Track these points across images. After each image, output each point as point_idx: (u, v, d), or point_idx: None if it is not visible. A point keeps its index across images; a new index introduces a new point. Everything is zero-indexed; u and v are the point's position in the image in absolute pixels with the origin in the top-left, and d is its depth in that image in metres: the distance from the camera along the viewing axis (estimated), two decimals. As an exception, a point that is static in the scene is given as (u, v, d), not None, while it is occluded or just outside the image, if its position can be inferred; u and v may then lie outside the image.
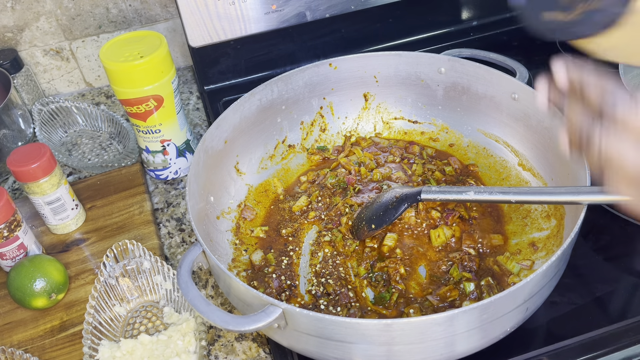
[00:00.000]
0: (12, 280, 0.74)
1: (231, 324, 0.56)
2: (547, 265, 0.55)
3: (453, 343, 0.57)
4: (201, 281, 0.80)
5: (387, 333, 0.54)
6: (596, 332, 0.66)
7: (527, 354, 0.65)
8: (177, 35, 1.16)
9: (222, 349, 0.71)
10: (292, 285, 0.73)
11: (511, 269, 0.71)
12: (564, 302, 0.69)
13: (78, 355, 0.71)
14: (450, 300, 0.69)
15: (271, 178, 0.88)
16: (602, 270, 0.73)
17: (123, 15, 1.10)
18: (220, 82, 1.08)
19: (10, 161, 0.78)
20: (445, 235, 0.75)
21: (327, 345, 0.58)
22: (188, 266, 0.62)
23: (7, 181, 1.00)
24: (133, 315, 0.75)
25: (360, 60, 0.88)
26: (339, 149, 0.91)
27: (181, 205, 0.91)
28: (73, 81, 1.17)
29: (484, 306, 0.53)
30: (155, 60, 0.80)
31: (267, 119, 0.87)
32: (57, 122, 1.05)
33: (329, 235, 0.78)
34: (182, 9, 0.94)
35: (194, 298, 0.58)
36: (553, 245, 0.71)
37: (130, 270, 0.75)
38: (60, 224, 0.85)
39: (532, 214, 0.77)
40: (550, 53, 0.60)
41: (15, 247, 0.78)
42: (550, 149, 0.76)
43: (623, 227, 0.77)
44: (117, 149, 1.02)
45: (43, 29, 1.08)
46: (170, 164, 0.92)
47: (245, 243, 0.79)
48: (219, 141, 0.80)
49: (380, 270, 0.73)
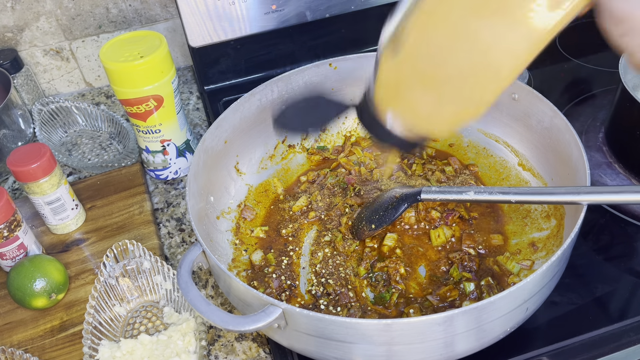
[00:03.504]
0: (12, 280, 0.74)
1: (231, 324, 0.56)
2: (547, 265, 0.55)
3: (453, 343, 0.57)
4: (201, 281, 0.80)
5: (387, 333, 0.54)
6: (596, 332, 0.66)
7: (527, 354, 0.65)
8: (177, 35, 1.16)
9: (222, 349, 0.71)
10: (292, 285, 0.73)
11: (511, 269, 0.71)
12: (564, 302, 0.69)
13: (78, 355, 0.71)
14: (450, 300, 0.69)
15: (271, 178, 0.88)
16: (602, 270, 0.73)
17: (123, 15, 1.10)
18: (220, 82, 1.08)
19: (10, 161, 0.78)
20: (445, 235, 0.75)
21: (327, 345, 0.58)
22: (188, 266, 0.62)
23: (7, 181, 1.00)
24: (133, 315, 0.75)
25: (360, 60, 0.88)
26: (339, 149, 0.91)
27: (181, 205, 0.91)
28: (73, 81, 1.17)
29: (484, 306, 0.53)
30: (155, 60, 0.80)
31: (267, 118, 0.87)
32: (57, 122, 1.05)
33: (329, 235, 0.78)
34: (182, 9, 0.94)
35: (194, 298, 0.58)
36: (553, 245, 0.71)
37: (130, 270, 0.75)
38: (60, 224, 0.85)
39: (532, 214, 0.77)
40: (550, 53, 0.60)
41: (15, 247, 0.78)
42: (550, 149, 0.76)
43: (623, 227, 0.77)
44: (117, 149, 1.02)
45: (43, 29, 1.08)
46: (170, 164, 0.92)
47: (245, 243, 0.79)
48: (219, 141, 0.80)
49: (380, 270, 0.73)
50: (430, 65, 0.49)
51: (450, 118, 0.54)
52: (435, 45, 0.48)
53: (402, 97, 0.53)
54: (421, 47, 0.49)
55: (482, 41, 0.46)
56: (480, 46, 0.47)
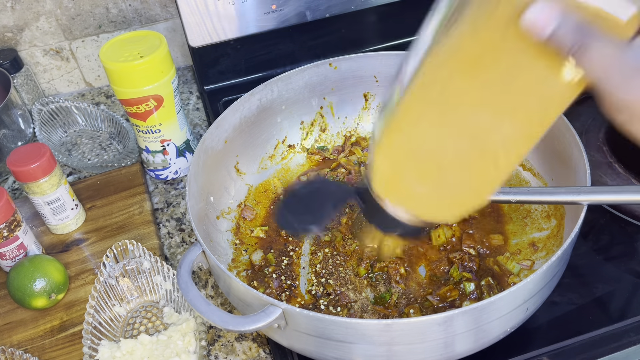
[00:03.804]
0: (12, 280, 0.74)
1: (231, 324, 0.56)
2: (547, 266, 0.55)
3: (453, 343, 0.57)
4: (201, 281, 0.80)
5: (387, 333, 0.54)
6: (596, 332, 0.66)
7: (527, 354, 0.65)
8: (177, 35, 1.16)
9: (222, 349, 0.71)
10: (292, 285, 0.73)
11: (511, 269, 0.71)
12: (564, 302, 0.69)
13: (78, 355, 0.71)
14: (450, 300, 0.69)
15: (271, 178, 0.88)
16: (602, 270, 0.73)
17: (123, 15, 1.10)
18: (220, 82, 1.08)
19: (10, 161, 0.78)
20: (445, 235, 0.75)
21: (327, 345, 0.58)
22: (188, 266, 0.62)
23: (7, 181, 1.00)
24: (133, 316, 0.75)
25: (360, 60, 0.88)
26: (339, 149, 0.91)
27: (181, 205, 0.91)
28: (73, 81, 1.17)
29: (484, 306, 0.53)
30: (155, 60, 0.80)
31: (267, 119, 0.87)
32: (57, 122, 1.05)
33: (329, 235, 0.78)
34: (182, 9, 0.94)
35: (194, 298, 0.58)
36: (553, 245, 0.71)
37: (130, 270, 0.75)
38: (60, 224, 0.85)
39: (532, 214, 0.77)
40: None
41: (15, 247, 0.78)
42: (550, 149, 0.76)
43: (623, 227, 0.77)
44: (117, 149, 1.02)
45: (43, 28, 1.08)
46: (170, 164, 0.92)
47: (245, 243, 0.79)
48: (218, 141, 0.80)
49: (380, 270, 0.73)
50: (424, 155, 0.48)
51: (453, 207, 0.52)
52: (428, 134, 0.47)
53: (400, 185, 0.52)
54: (413, 136, 0.48)
55: (477, 132, 0.46)
56: (475, 137, 0.46)
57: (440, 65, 0.44)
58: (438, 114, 0.46)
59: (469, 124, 0.46)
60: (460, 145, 0.47)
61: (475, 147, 0.47)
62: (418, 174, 0.50)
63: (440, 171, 0.49)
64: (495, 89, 0.43)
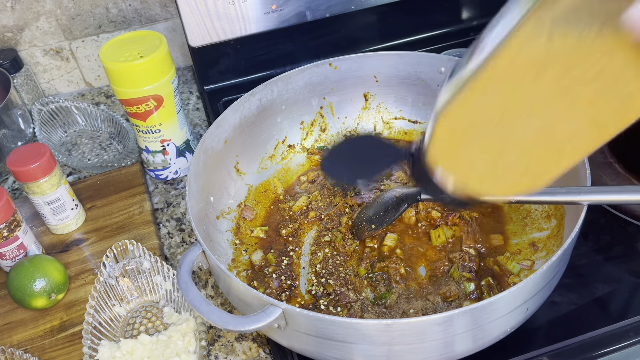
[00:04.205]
0: (12, 280, 0.74)
1: (231, 324, 0.56)
2: (547, 266, 0.55)
3: (453, 343, 0.57)
4: (201, 281, 0.80)
5: (387, 333, 0.54)
6: (596, 332, 0.66)
7: (527, 354, 0.65)
8: (177, 35, 1.16)
9: (222, 349, 0.71)
10: (292, 285, 0.73)
11: (511, 269, 0.71)
12: (564, 302, 0.69)
13: (78, 355, 0.71)
14: (450, 300, 0.69)
15: (271, 178, 0.88)
16: (602, 270, 0.73)
17: (123, 15, 1.10)
18: (220, 82, 1.08)
19: (10, 161, 0.78)
20: (445, 235, 0.75)
21: (327, 345, 0.58)
22: (188, 266, 0.62)
23: (7, 181, 1.00)
24: (133, 316, 0.75)
25: (360, 60, 0.88)
26: (339, 149, 0.91)
27: (181, 205, 0.91)
28: (73, 81, 1.17)
29: (484, 306, 0.53)
30: (155, 60, 0.80)
31: (267, 118, 0.87)
32: (57, 122, 1.05)
33: (329, 235, 0.78)
34: (182, 9, 0.94)
35: (194, 298, 0.58)
36: (553, 245, 0.71)
37: (130, 270, 0.75)
38: (60, 224, 0.85)
39: (532, 214, 0.77)
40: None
41: (15, 247, 0.78)
42: (551, 149, 0.76)
43: (623, 227, 0.77)
44: (117, 149, 1.02)
45: (43, 28, 1.08)
46: (170, 164, 0.92)
47: (245, 243, 0.79)
48: (218, 141, 0.80)
49: (380, 270, 0.73)
50: (489, 130, 0.47)
51: (504, 186, 0.52)
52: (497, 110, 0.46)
53: (456, 156, 0.51)
54: (482, 109, 0.46)
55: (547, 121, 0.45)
56: (545, 125, 0.45)
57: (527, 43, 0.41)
58: (512, 91, 0.44)
59: (541, 110, 0.44)
60: (528, 129, 0.46)
61: (543, 134, 0.46)
62: (478, 147, 0.48)
63: (501, 149, 0.48)
64: (578, 85, 0.42)
